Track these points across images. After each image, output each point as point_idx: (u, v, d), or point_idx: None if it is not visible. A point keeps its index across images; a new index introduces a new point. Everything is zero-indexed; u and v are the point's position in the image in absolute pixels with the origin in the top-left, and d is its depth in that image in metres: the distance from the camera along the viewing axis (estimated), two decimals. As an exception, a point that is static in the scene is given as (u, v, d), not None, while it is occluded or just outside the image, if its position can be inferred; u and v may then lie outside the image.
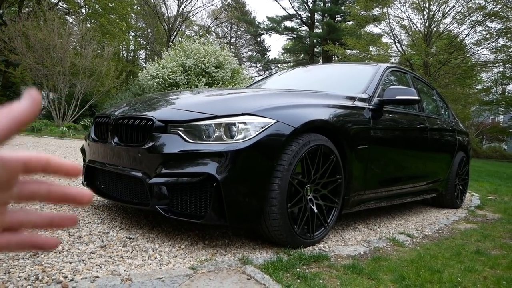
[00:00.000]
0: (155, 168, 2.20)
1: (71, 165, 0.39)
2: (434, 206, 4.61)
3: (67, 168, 0.39)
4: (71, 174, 0.39)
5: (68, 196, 0.39)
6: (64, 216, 0.40)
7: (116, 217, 2.73)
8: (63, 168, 0.38)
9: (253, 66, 38.01)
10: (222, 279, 1.80)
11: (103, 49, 15.92)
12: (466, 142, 4.94)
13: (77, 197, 0.40)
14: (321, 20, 30.71)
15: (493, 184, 7.71)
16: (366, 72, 3.54)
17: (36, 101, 0.35)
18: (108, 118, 2.60)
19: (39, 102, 0.36)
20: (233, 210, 2.11)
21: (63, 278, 1.66)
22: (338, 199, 2.63)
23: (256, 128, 2.17)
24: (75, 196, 0.40)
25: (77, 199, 0.40)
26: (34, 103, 0.35)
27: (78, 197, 0.40)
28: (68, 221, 0.41)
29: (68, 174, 0.39)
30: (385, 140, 3.16)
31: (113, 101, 13.40)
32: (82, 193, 0.40)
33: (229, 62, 13.00)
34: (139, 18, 31.22)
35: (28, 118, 0.35)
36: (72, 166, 0.39)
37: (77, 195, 0.40)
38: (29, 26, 12.35)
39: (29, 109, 0.35)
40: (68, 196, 0.39)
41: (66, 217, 0.41)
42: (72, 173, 0.39)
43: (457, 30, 18.18)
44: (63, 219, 0.40)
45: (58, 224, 0.40)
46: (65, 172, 0.39)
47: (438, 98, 4.85)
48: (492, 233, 3.35)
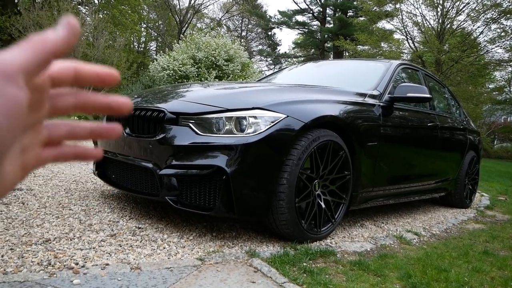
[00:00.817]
0: (166, 159, 2.22)
1: (104, 70, 0.35)
2: (442, 205, 4.59)
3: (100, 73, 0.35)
4: (107, 81, 0.35)
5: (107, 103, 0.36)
6: (106, 127, 0.38)
7: (125, 207, 2.77)
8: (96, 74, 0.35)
9: (263, 60, 37.91)
10: (229, 271, 1.82)
11: (114, 40, 16.00)
12: (477, 141, 4.90)
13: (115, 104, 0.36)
14: (332, 15, 30.45)
15: (504, 185, 7.63)
16: (377, 69, 3.52)
17: (74, 30, 0.32)
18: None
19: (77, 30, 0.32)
20: (241, 203, 2.13)
21: (75, 264, 1.70)
22: (346, 195, 2.64)
23: (266, 123, 2.18)
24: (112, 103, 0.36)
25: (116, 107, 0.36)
26: (72, 32, 0.32)
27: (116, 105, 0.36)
28: (111, 130, 0.38)
29: (104, 81, 0.35)
30: (395, 137, 3.15)
31: (124, 92, 13.48)
32: (122, 101, 0.37)
33: (239, 56, 12.97)
34: (151, 10, 31.26)
35: (64, 49, 0.31)
36: (105, 71, 0.35)
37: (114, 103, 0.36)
38: (43, 16, 12.45)
39: (65, 39, 0.31)
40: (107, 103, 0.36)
41: (110, 127, 0.37)
42: (108, 80, 0.35)
43: (471, 27, 17.89)
44: (104, 129, 0.37)
45: (100, 133, 0.37)
46: (100, 79, 0.35)
47: (449, 96, 4.81)
48: (501, 234, 3.33)
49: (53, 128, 0.35)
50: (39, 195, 2.83)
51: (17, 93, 0.28)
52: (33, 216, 2.32)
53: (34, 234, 2.02)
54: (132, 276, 1.65)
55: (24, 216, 2.29)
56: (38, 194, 2.84)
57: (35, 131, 0.33)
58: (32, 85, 0.30)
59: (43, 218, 2.30)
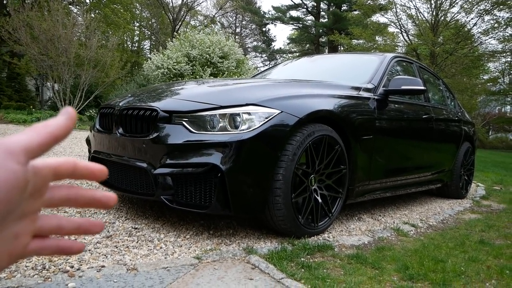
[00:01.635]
0: (160, 158, 2.21)
1: (97, 167, 0.39)
2: (439, 196, 4.60)
3: (93, 170, 0.39)
4: (97, 176, 0.40)
5: (96, 199, 0.40)
6: (92, 222, 0.41)
7: (121, 208, 2.75)
8: (90, 171, 0.39)
9: (259, 56, 37.86)
10: (227, 269, 1.82)
11: (107, 40, 15.90)
12: (472, 132, 4.91)
13: (103, 200, 0.40)
14: (327, 10, 30.40)
15: (499, 175, 7.67)
16: (371, 62, 3.51)
17: (72, 118, 0.36)
18: (113, 109, 2.61)
19: (74, 118, 0.36)
20: (237, 200, 2.12)
21: (70, 267, 1.69)
22: (343, 189, 2.64)
23: (260, 119, 2.17)
24: (101, 199, 0.40)
25: (104, 202, 0.40)
26: (70, 119, 0.36)
27: (104, 200, 0.40)
28: (95, 227, 0.41)
29: (95, 176, 0.39)
30: (390, 130, 3.15)
31: (118, 91, 13.42)
32: (109, 197, 0.41)
33: (234, 52, 12.93)
34: (144, 8, 31.08)
35: (64, 133, 0.36)
36: (98, 168, 0.39)
37: (103, 198, 0.40)
38: (33, 17, 12.33)
39: (65, 125, 0.36)
40: (95, 199, 0.40)
41: (94, 223, 0.41)
42: (98, 175, 0.40)
43: (465, 19, 17.91)
44: (90, 224, 0.41)
45: (86, 229, 0.41)
46: (92, 175, 0.39)
47: (444, 88, 4.81)
48: (497, 223, 3.34)
49: (45, 220, 0.38)
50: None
51: (17, 168, 0.31)
52: (27, 219, 2.30)
53: (29, 237, 2.00)
54: (129, 277, 1.64)
55: (19, 219, 2.27)
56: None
57: (31, 220, 0.36)
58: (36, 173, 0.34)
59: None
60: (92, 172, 0.39)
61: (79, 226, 0.40)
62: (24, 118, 10.66)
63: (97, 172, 0.39)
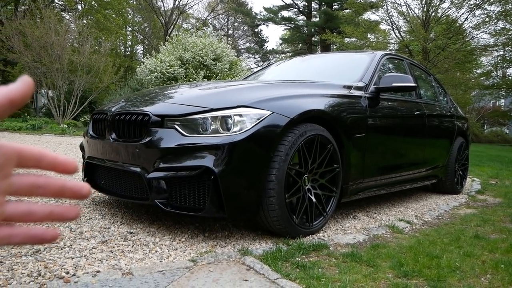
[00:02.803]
0: (153, 162, 2.21)
1: (67, 160, 0.38)
2: (434, 192, 4.62)
3: (63, 163, 0.37)
4: (68, 170, 0.38)
5: (66, 188, 0.38)
6: (65, 208, 0.39)
7: (117, 212, 2.75)
8: (59, 163, 0.37)
9: (252, 58, 37.89)
10: (222, 270, 1.82)
11: (100, 45, 15.87)
12: (465, 127, 4.94)
13: (75, 189, 0.38)
14: (318, 9, 30.49)
15: (494, 169, 7.71)
16: (362, 60, 3.53)
17: (28, 84, 0.35)
18: (106, 115, 2.61)
19: (31, 84, 0.35)
20: (231, 202, 2.13)
21: (65, 273, 1.69)
22: (337, 188, 2.65)
23: (252, 120, 2.18)
24: (73, 188, 0.38)
25: (76, 192, 0.38)
26: (27, 85, 0.35)
27: (76, 189, 0.38)
28: (70, 212, 0.39)
29: (65, 169, 0.37)
30: (382, 128, 3.16)
31: (112, 96, 13.39)
32: (81, 186, 0.39)
33: (227, 54, 12.95)
34: (136, 13, 31.06)
35: (20, 98, 0.34)
36: (68, 161, 0.38)
37: (75, 187, 0.38)
38: (26, 24, 12.30)
39: (21, 90, 0.35)
40: (66, 189, 0.38)
41: (67, 209, 0.39)
42: (69, 169, 0.38)
43: (456, 14, 18.01)
44: (64, 210, 0.38)
45: (59, 216, 0.38)
46: (61, 167, 0.37)
47: (436, 84, 4.84)
48: (492, 218, 3.36)
49: (13, 206, 0.36)
50: (29, 205, 2.80)
51: None
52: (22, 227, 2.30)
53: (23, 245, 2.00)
54: (124, 281, 1.64)
55: (13, 228, 2.27)
56: (28, 205, 2.81)
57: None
58: None
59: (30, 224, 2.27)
60: (61, 164, 0.37)
61: (52, 211, 0.38)
62: (19, 126, 10.62)
63: (67, 165, 0.37)
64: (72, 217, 0.39)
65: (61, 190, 0.38)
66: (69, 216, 0.39)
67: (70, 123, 11.92)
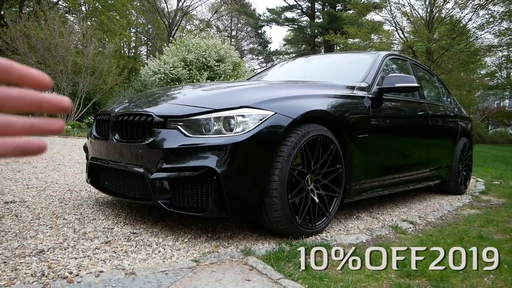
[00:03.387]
0: (156, 163, 2.22)
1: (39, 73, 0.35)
2: (438, 192, 4.61)
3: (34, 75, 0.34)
4: (39, 84, 0.35)
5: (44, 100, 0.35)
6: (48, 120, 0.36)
7: (120, 213, 2.76)
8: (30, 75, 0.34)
9: (255, 59, 37.92)
10: (225, 271, 1.83)
11: (104, 47, 15.96)
12: (469, 127, 4.92)
13: (54, 100, 0.36)
14: (321, 10, 30.49)
15: (499, 169, 7.67)
16: (365, 61, 3.53)
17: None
18: (109, 115, 2.62)
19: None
20: (234, 202, 2.13)
21: (69, 273, 1.70)
22: (339, 189, 2.65)
23: (254, 121, 2.19)
24: (51, 99, 0.36)
25: (55, 103, 0.36)
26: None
27: (55, 100, 0.36)
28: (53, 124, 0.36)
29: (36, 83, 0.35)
30: (385, 128, 3.16)
31: (116, 98, 13.45)
32: (62, 98, 0.36)
33: (230, 55, 12.98)
34: (139, 14, 31.17)
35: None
36: (40, 74, 0.35)
37: (54, 99, 0.36)
38: (30, 26, 12.40)
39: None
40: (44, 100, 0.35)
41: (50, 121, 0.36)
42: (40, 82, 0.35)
43: (460, 14, 17.96)
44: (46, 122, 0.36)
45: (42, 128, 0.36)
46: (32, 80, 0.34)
47: (439, 84, 4.83)
48: (496, 218, 3.35)
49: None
50: (33, 206, 2.82)
51: None
52: (26, 228, 2.32)
53: (27, 245, 2.01)
54: (127, 281, 1.65)
55: (18, 229, 2.29)
56: (32, 206, 2.83)
57: None
58: None
59: (36, 229, 2.29)
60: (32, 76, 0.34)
61: (33, 123, 0.35)
62: (23, 128, 10.66)
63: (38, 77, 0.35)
64: (56, 129, 0.37)
65: (38, 102, 0.35)
66: (52, 128, 0.37)
67: (74, 124, 11.98)
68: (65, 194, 3.30)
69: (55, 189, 3.48)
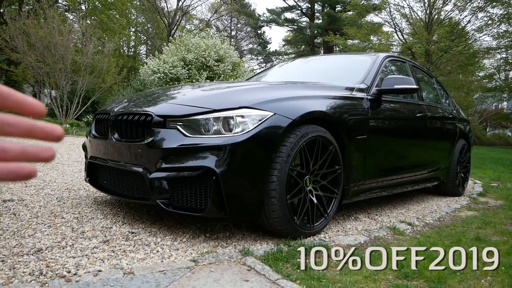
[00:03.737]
0: (155, 163, 2.22)
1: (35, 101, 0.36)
2: (436, 194, 4.62)
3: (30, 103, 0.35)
4: (35, 112, 0.36)
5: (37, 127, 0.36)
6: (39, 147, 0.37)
7: (118, 212, 2.76)
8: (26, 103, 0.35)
9: (254, 59, 37.93)
10: (223, 271, 1.83)
11: (103, 46, 15.94)
12: (467, 129, 4.94)
13: (47, 129, 0.36)
14: (321, 11, 30.51)
15: (496, 171, 7.69)
16: (364, 62, 3.54)
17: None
18: (108, 115, 2.62)
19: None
20: (232, 202, 2.14)
21: (67, 272, 1.70)
22: (338, 190, 2.65)
23: (253, 121, 2.19)
24: (44, 128, 0.36)
25: (48, 132, 0.37)
26: None
27: (48, 129, 0.37)
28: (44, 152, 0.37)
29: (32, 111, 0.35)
30: (384, 129, 3.17)
31: (115, 97, 13.44)
32: (54, 127, 0.37)
33: (229, 55, 12.97)
34: (139, 13, 31.15)
35: None
36: (36, 103, 0.36)
37: (47, 127, 0.36)
38: (30, 24, 12.37)
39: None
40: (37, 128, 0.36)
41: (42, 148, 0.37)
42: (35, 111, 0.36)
43: (458, 17, 18.01)
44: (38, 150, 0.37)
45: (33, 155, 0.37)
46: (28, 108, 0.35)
47: (438, 86, 4.84)
48: (493, 220, 3.36)
49: None
50: (31, 205, 2.82)
51: None
52: (24, 226, 2.32)
53: (25, 244, 2.01)
54: (125, 281, 1.65)
55: (16, 227, 2.29)
56: (30, 204, 2.83)
57: None
58: None
59: (35, 228, 2.29)
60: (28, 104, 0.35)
61: (24, 150, 0.36)
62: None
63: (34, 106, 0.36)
64: (47, 157, 0.37)
65: (32, 129, 0.36)
66: (44, 156, 0.37)
67: (73, 123, 11.96)
68: (63, 193, 3.30)
69: (54, 187, 3.47)
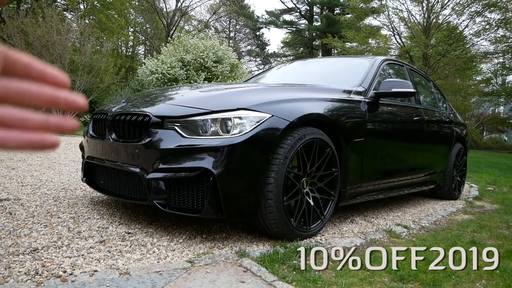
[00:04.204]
0: (153, 163, 2.22)
1: (58, 72, 0.36)
2: (432, 197, 4.63)
3: (53, 74, 0.35)
4: (58, 82, 0.35)
5: (61, 97, 0.35)
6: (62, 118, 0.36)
7: (115, 213, 2.76)
8: (49, 73, 0.35)
9: (253, 60, 37.95)
10: (219, 272, 1.83)
11: (102, 45, 15.92)
12: (464, 133, 4.96)
13: (70, 99, 0.36)
14: (320, 13, 30.58)
15: (493, 175, 7.73)
16: (362, 65, 3.55)
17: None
18: (106, 115, 2.62)
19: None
20: (229, 204, 2.14)
21: (63, 272, 1.69)
22: (335, 192, 2.66)
23: (251, 123, 2.20)
24: (67, 98, 0.36)
25: (71, 102, 0.36)
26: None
27: (71, 99, 0.36)
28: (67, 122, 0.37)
29: (55, 81, 0.35)
30: (381, 132, 3.18)
31: (113, 97, 13.41)
32: (76, 97, 0.37)
33: (228, 57, 12.98)
34: (138, 14, 31.12)
35: None
36: (59, 74, 0.36)
37: (70, 97, 0.36)
38: (28, 23, 12.34)
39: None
40: (60, 97, 0.35)
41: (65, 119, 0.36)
42: (59, 81, 0.35)
43: (456, 21, 18.13)
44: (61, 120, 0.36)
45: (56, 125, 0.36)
46: (51, 79, 0.35)
47: (435, 90, 4.86)
48: (489, 224, 3.37)
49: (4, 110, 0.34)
50: (27, 204, 2.81)
51: None
52: (20, 226, 2.31)
53: (21, 244, 2.01)
54: (121, 281, 1.65)
55: (12, 226, 2.28)
56: (26, 204, 2.82)
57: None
58: None
59: (31, 228, 2.28)
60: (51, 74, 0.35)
61: (48, 120, 0.35)
62: (18, 125, 10.60)
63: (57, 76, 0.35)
64: (70, 127, 0.37)
65: (54, 99, 0.35)
66: (67, 126, 0.37)
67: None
68: (60, 192, 3.29)
69: (50, 187, 3.47)
